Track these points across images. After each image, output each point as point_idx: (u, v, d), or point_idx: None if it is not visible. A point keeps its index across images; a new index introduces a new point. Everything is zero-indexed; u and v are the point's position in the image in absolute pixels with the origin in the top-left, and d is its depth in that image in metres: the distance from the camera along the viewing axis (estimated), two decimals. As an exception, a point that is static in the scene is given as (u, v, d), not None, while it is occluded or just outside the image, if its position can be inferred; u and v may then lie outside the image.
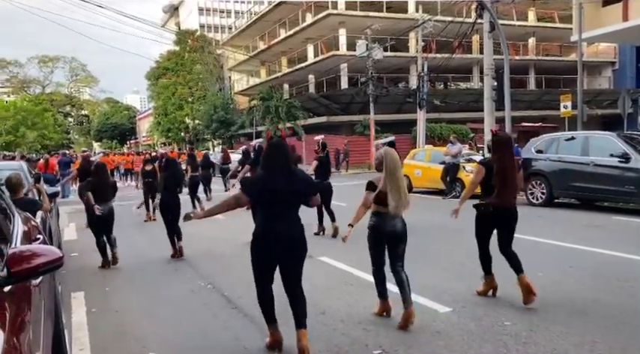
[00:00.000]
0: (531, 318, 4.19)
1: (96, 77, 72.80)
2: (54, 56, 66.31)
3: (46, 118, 44.28)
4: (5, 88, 67.03)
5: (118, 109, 78.34)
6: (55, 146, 47.62)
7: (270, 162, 3.67)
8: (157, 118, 56.41)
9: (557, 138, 11.62)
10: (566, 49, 38.32)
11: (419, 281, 5.34)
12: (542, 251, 6.71)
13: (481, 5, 15.68)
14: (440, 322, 4.19)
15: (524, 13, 36.77)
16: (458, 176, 13.19)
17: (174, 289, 5.53)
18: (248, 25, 42.89)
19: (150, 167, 11.52)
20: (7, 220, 3.06)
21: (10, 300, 1.93)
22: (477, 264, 5.02)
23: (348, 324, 4.21)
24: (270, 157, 3.69)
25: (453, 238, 7.66)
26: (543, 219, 9.53)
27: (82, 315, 4.74)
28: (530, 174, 11.49)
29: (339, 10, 32.85)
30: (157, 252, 7.58)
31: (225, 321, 4.43)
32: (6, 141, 37.92)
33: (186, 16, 76.18)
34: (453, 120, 31.29)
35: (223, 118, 40.77)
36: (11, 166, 7.46)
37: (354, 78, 32.78)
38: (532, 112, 32.39)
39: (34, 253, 2.10)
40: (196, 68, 51.90)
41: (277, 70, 40.83)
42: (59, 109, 65.87)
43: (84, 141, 78.57)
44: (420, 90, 25.29)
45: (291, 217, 3.66)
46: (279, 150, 3.69)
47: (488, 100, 16.17)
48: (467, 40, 25.20)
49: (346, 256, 6.50)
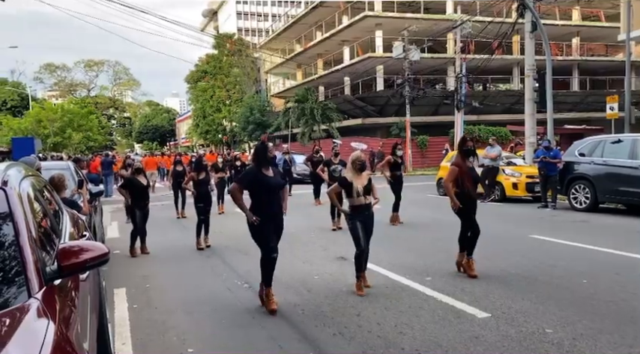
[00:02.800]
0: (575, 326, 4.04)
1: (138, 80, 75.20)
2: (99, 60, 68.94)
3: (91, 120, 45.84)
4: (54, 91, 70.05)
5: (158, 111, 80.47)
6: (98, 147, 49.33)
7: (258, 160, 4.84)
8: (196, 120, 57.61)
9: (602, 141, 11.17)
10: (613, 49, 36.88)
11: (459, 286, 5.27)
12: (586, 258, 6.48)
13: (523, 5, 15.29)
14: (478, 327, 4.10)
15: (567, 12, 35.61)
16: (497, 179, 12.90)
17: (212, 287, 5.63)
18: (285, 28, 43.29)
19: (180, 168, 12.01)
20: (57, 217, 3.19)
21: (59, 293, 2.01)
22: (520, 269, 4.90)
23: (384, 326, 4.18)
24: (257, 157, 4.88)
25: (491, 242, 7.49)
26: (588, 224, 9.20)
27: (123, 310, 4.89)
28: (572, 178, 11.12)
29: (376, 12, 32.70)
30: (194, 251, 7.75)
31: (261, 320, 4.47)
32: (54, 142, 39.48)
33: (224, 20, 77.60)
34: (493, 122, 30.61)
35: (259, 120, 41.22)
36: (59, 166, 7.77)
37: (390, 80, 32.53)
38: (575, 114, 31.32)
39: (82, 249, 2.19)
40: (234, 71, 52.70)
41: (313, 73, 41.03)
42: (103, 112, 68.22)
43: (126, 142, 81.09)
44: (457, 91, 24.89)
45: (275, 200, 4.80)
46: (263, 151, 4.84)
47: (529, 102, 15.75)
48: (507, 41, 24.60)
49: (382, 259, 6.46)
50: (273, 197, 4.79)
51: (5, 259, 1.99)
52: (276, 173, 4.94)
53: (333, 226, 9.14)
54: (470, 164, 5.86)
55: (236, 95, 51.87)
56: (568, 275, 5.58)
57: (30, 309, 1.73)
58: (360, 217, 5.18)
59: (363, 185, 5.17)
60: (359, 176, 5.21)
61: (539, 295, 4.88)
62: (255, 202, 4.79)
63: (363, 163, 5.27)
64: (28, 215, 2.22)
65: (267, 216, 4.72)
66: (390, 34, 31.25)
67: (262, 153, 4.84)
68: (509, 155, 15.44)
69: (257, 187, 4.76)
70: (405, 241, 7.95)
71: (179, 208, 12.00)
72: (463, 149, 5.92)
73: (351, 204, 5.24)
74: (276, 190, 4.83)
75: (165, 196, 15.71)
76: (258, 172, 4.77)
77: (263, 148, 4.87)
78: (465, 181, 5.73)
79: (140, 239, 7.71)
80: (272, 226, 4.77)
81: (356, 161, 5.25)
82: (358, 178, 5.20)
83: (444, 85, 34.85)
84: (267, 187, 4.74)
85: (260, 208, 4.73)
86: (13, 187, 2.33)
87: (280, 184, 4.90)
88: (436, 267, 6.06)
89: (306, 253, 7.22)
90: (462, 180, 5.73)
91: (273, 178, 4.82)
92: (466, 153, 5.87)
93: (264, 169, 4.79)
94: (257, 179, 4.75)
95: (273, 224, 4.79)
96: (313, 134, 31.41)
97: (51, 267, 2.06)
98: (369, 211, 5.25)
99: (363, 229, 5.19)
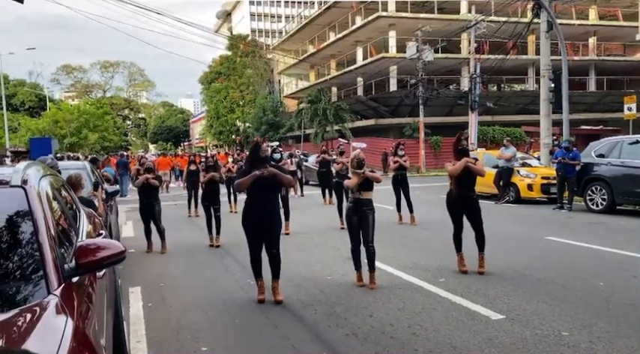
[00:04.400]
0: (592, 329, 3.99)
1: (152, 81, 75.93)
2: (114, 62, 69.78)
3: (107, 120, 46.44)
4: (70, 92, 71.05)
5: (172, 112, 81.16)
6: (114, 148, 49.90)
7: (252, 159, 5.13)
8: (210, 121, 57.93)
9: (620, 141, 11.00)
10: (631, 49, 36.32)
11: (473, 287, 5.23)
12: (603, 260, 6.39)
13: (538, 5, 15.13)
14: (492, 328, 4.06)
15: (584, 12, 35.14)
16: (512, 181, 12.79)
17: (225, 286, 5.67)
18: (298, 29, 43.38)
19: (194, 167, 12.12)
20: (75, 215, 3.24)
21: (77, 290, 2.04)
22: (535, 271, 4.85)
23: (396, 327, 4.16)
24: (250, 157, 5.22)
25: (506, 244, 7.42)
26: (604, 226, 9.07)
27: (138, 309, 4.95)
28: (589, 179, 10.97)
29: (390, 12, 32.60)
30: (207, 250, 7.81)
31: (275, 319, 4.49)
32: (70, 142, 40.05)
33: (238, 22, 77.98)
34: (507, 123, 30.32)
35: (272, 120, 41.35)
36: (76, 166, 7.88)
37: (404, 80, 32.39)
38: (592, 114, 30.89)
39: (99, 247, 2.22)
40: (247, 72, 52.91)
41: (326, 73, 41.04)
42: (118, 113, 68.99)
43: (141, 143, 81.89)
44: (471, 92, 24.71)
45: (267, 198, 4.99)
46: (255, 151, 5.09)
47: (544, 102, 15.57)
48: (522, 41, 24.36)
49: (395, 260, 6.45)
50: (264, 196, 4.99)
51: (25, 256, 2.03)
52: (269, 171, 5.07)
53: (342, 225, 9.15)
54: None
55: (249, 96, 52.07)
56: (584, 277, 5.51)
57: (49, 305, 1.77)
58: (357, 213, 5.45)
59: (359, 181, 5.42)
60: (356, 174, 5.46)
61: (554, 297, 4.83)
62: (247, 199, 5.11)
63: (359, 161, 5.49)
64: (47, 213, 2.26)
65: (256, 214, 4.97)
66: (403, 35, 31.14)
67: (254, 153, 5.12)
68: (524, 156, 15.27)
69: (249, 185, 5.02)
70: (418, 241, 7.92)
71: (191, 207, 12.20)
72: (458, 148, 6.00)
73: (351, 198, 5.59)
74: (266, 188, 4.97)
75: (179, 196, 15.83)
76: (251, 170, 5.03)
77: (256, 148, 5.14)
78: (456, 181, 5.88)
79: (160, 237, 7.93)
80: (259, 225, 4.99)
81: (354, 159, 5.53)
82: (355, 175, 5.46)
83: (458, 86, 34.63)
84: (257, 183, 4.93)
85: (250, 205, 5.04)
86: (32, 185, 2.37)
87: (271, 182, 5.01)
88: (449, 268, 6.02)
89: (319, 254, 7.23)
90: (454, 180, 5.90)
91: (264, 177, 4.98)
92: (460, 152, 5.95)
93: (256, 168, 5.00)
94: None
95: (262, 223, 4.98)
96: (326, 135, 31.42)
97: (69, 264, 2.09)
98: (368, 207, 5.47)
99: (358, 225, 5.46)
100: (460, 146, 5.99)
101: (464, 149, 6.00)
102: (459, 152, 5.95)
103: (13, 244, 2.10)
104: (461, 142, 6.01)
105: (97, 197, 6.35)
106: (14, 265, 2.00)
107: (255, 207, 4.98)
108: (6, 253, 2.05)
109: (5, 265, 1.98)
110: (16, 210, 2.20)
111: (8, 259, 2.02)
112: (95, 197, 6.29)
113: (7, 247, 2.08)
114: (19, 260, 2.02)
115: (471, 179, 5.91)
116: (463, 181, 5.87)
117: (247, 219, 5.04)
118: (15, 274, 1.97)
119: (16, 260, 2.02)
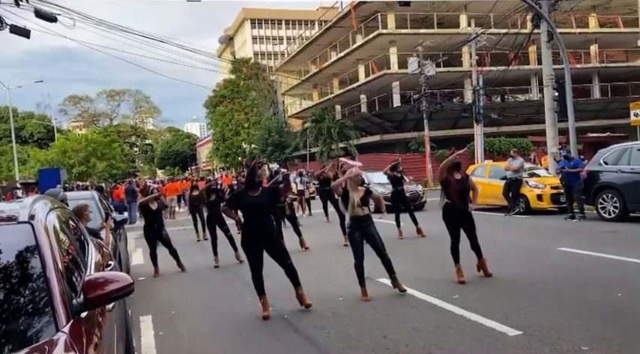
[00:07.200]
0: (612, 343, 3.89)
1: (158, 108, 76.92)
2: (120, 90, 70.85)
3: (114, 148, 46.87)
4: (78, 122, 72.04)
5: (179, 137, 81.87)
6: (122, 175, 50.25)
7: (247, 182, 5.41)
8: (216, 144, 58.35)
9: (628, 148, 10.89)
10: (633, 54, 36.30)
11: (487, 303, 5.14)
12: (619, 270, 6.27)
13: (538, 15, 15.22)
14: (510, 346, 3.97)
15: (584, 20, 35.27)
16: (521, 191, 12.68)
17: (237, 312, 5.61)
18: (299, 51, 43.85)
19: (196, 192, 12.10)
20: (83, 248, 3.24)
21: (86, 325, 2.02)
22: (549, 284, 4.76)
23: (412, 348, 4.08)
24: (246, 180, 5.49)
25: (519, 256, 7.33)
26: (618, 235, 8.93)
27: (150, 338, 4.91)
28: (599, 187, 10.84)
29: (390, 30, 32.89)
30: (217, 275, 7.77)
31: (287, 344, 4.43)
32: (79, 171, 40.40)
33: (240, 46, 79.08)
34: (513, 133, 30.24)
35: (278, 141, 41.56)
36: (84, 196, 7.92)
37: (407, 95, 32.54)
38: (598, 121, 30.77)
39: (107, 280, 2.21)
40: (251, 94, 53.45)
41: (329, 92, 41.32)
42: (125, 140, 69.77)
43: (148, 169, 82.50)
44: (475, 104, 24.73)
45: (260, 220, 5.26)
46: (251, 175, 5.39)
47: (549, 112, 15.54)
48: (523, 51, 24.43)
49: (408, 278, 6.36)
50: (259, 218, 5.26)
51: (33, 292, 2.02)
52: (264, 194, 5.35)
53: (345, 241, 9.04)
54: (458, 176, 6.16)
55: (254, 118, 52.48)
56: (600, 288, 5.40)
57: (58, 343, 1.75)
58: (359, 229, 5.60)
59: (360, 197, 5.57)
60: (357, 190, 5.62)
61: (571, 310, 4.73)
62: (244, 222, 5.39)
63: (362, 180, 5.74)
64: (55, 248, 2.26)
65: (253, 237, 5.24)
66: (404, 50, 31.34)
67: (250, 177, 5.42)
68: (532, 167, 15.16)
69: (243, 207, 5.35)
70: (428, 257, 7.82)
71: (199, 231, 12.20)
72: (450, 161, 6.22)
73: (351, 215, 5.69)
74: (261, 210, 5.26)
75: (187, 220, 15.83)
76: (245, 193, 5.35)
77: (251, 172, 5.43)
78: (451, 194, 6.06)
79: (174, 258, 8.20)
80: (259, 247, 5.25)
81: (355, 177, 5.69)
82: (356, 191, 5.62)
83: (462, 98, 34.70)
84: (252, 206, 5.24)
85: (246, 228, 5.33)
86: (39, 220, 2.38)
87: (265, 205, 5.28)
88: (463, 284, 5.93)
89: (330, 274, 7.17)
90: (448, 192, 6.10)
91: (258, 198, 5.26)
92: (453, 165, 6.13)
93: (250, 191, 5.29)
94: (242, 199, 5.37)
95: (262, 244, 5.25)
96: (331, 153, 31.50)
97: (77, 300, 2.08)
98: (368, 222, 5.63)
99: (362, 240, 5.61)
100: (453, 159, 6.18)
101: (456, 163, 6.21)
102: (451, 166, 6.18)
103: (22, 281, 2.09)
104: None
105: (107, 227, 6.35)
106: (23, 302, 1.99)
107: (252, 230, 5.25)
108: (15, 289, 2.04)
109: (14, 302, 1.97)
110: (25, 246, 2.20)
111: (17, 296, 2.01)
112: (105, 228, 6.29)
113: (15, 284, 2.08)
114: (28, 297, 2.01)
115: (466, 193, 6.19)
116: (458, 194, 6.10)
117: (247, 242, 5.31)
118: (24, 311, 1.96)
119: (24, 297, 2.01)
